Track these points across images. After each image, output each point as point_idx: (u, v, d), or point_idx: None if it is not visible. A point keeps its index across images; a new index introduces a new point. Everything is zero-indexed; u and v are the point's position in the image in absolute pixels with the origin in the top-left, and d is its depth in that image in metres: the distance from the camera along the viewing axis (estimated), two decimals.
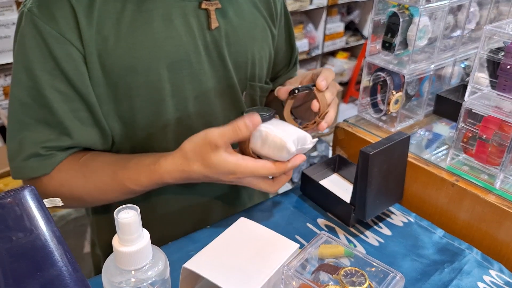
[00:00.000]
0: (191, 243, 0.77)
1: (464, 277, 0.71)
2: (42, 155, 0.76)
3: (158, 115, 0.80)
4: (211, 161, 0.70)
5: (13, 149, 0.76)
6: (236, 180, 0.72)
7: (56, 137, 0.76)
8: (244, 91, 0.91)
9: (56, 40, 0.71)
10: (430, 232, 0.80)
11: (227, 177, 0.72)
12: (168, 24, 0.77)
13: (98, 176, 0.77)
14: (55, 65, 0.72)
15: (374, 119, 1.00)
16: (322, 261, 0.65)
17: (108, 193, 0.78)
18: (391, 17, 0.89)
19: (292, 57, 1.06)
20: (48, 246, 0.43)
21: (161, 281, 0.49)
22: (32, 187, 0.49)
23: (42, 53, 0.71)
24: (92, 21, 0.72)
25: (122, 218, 0.45)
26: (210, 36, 0.82)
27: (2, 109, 2.25)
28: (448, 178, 0.82)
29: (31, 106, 0.74)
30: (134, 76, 0.76)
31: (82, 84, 0.74)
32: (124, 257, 0.46)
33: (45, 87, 0.72)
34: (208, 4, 0.80)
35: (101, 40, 0.73)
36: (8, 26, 2.09)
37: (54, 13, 0.70)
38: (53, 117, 0.74)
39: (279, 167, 0.72)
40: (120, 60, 0.74)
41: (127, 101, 0.78)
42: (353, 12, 3.99)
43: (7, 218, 0.45)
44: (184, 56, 0.79)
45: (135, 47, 0.75)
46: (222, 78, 0.86)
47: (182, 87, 0.81)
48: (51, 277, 0.40)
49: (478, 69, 0.79)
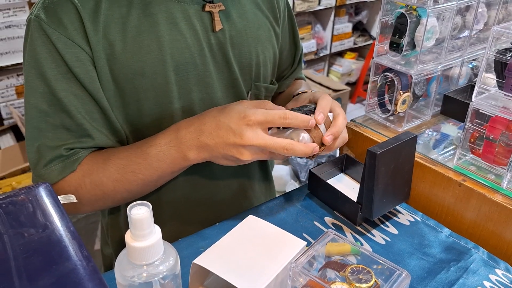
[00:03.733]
0: (201, 240, 0.78)
1: (470, 276, 0.71)
2: (64, 156, 0.76)
3: (166, 117, 0.81)
4: (227, 106, 0.73)
5: (33, 157, 0.77)
6: (246, 132, 0.70)
7: (77, 139, 0.76)
8: (249, 91, 0.92)
9: (65, 45, 0.72)
10: (437, 231, 0.81)
11: (237, 123, 0.71)
12: (173, 27, 0.78)
13: (117, 156, 0.77)
14: (68, 69, 0.73)
15: (381, 119, 1.01)
16: (329, 259, 0.66)
17: (128, 174, 0.76)
18: (399, 18, 0.90)
19: (296, 55, 1.07)
20: (63, 241, 0.44)
21: (171, 275, 0.50)
22: (47, 184, 0.51)
23: (54, 58, 0.72)
24: (98, 26, 0.73)
25: (135, 214, 0.46)
26: (215, 38, 0.83)
27: (15, 108, 2.28)
28: (455, 177, 0.82)
29: (48, 112, 0.74)
30: (141, 80, 0.77)
31: (94, 87, 0.75)
32: (136, 252, 0.48)
33: (60, 91, 0.73)
34: (212, 6, 0.81)
35: (108, 44, 0.74)
36: (20, 26, 2.12)
37: (62, 19, 0.71)
38: (72, 121, 0.75)
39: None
40: (128, 64, 0.75)
41: (135, 105, 0.79)
42: (361, 13, 3.99)
43: (20, 214, 0.47)
44: (189, 58, 0.80)
45: (141, 51, 0.76)
46: (227, 80, 0.87)
47: (188, 89, 0.82)
48: (66, 270, 0.42)
49: (486, 70, 0.80)
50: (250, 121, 0.70)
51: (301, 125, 0.73)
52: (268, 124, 0.71)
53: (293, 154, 0.72)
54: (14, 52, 2.16)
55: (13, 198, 0.49)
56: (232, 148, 0.71)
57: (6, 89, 2.25)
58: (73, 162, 0.76)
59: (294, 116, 0.72)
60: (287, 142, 0.71)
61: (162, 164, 0.75)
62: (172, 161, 0.75)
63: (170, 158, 0.75)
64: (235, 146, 0.71)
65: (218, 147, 0.72)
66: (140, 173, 0.76)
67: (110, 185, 0.77)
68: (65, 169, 0.76)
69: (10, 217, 0.46)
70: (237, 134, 0.70)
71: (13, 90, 2.27)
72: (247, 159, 0.72)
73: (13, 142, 2.26)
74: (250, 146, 0.71)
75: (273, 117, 0.71)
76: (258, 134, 0.70)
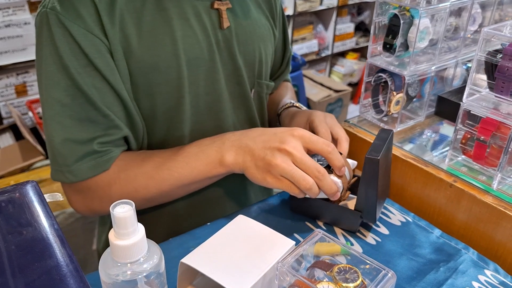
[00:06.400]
0: (192, 240, 0.79)
1: (459, 276, 0.72)
2: (98, 152, 0.76)
3: (177, 111, 0.82)
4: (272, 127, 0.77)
5: (59, 153, 0.75)
6: (284, 149, 0.71)
7: (104, 132, 0.76)
8: (252, 88, 0.93)
9: (85, 37, 0.71)
10: (428, 232, 0.81)
11: (283, 132, 0.74)
12: (184, 23, 0.79)
13: (156, 154, 0.79)
14: (88, 61, 0.72)
15: (375, 120, 1.01)
16: (318, 258, 0.66)
17: (163, 172, 0.77)
18: (392, 19, 0.90)
19: (284, 58, 1.09)
20: (46, 239, 0.45)
21: (156, 273, 0.50)
22: (34, 182, 0.51)
23: (74, 51, 0.72)
24: (115, 20, 0.73)
25: (118, 213, 0.47)
26: (222, 35, 0.84)
27: (14, 107, 2.29)
28: (446, 178, 0.82)
29: (72, 106, 0.73)
30: (155, 74, 0.77)
31: (115, 79, 0.75)
32: (120, 250, 0.48)
33: (83, 84, 0.73)
34: (220, 4, 0.82)
35: (124, 38, 0.74)
36: (20, 25, 2.13)
37: (80, 11, 0.71)
38: (98, 112, 0.75)
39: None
40: (143, 58, 0.76)
41: (147, 99, 0.80)
42: (363, 13, 3.99)
43: (6, 212, 0.47)
44: (200, 54, 0.81)
45: (156, 45, 0.76)
46: (233, 76, 0.88)
47: (197, 84, 0.83)
48: (48, 267, 0.42)
49: (477, 71, 0.80)
50: (295, 132, 0.73)
51: (337, 163, 0.74)
52: (311, 143, 0.73)
53: (322, 181, 0.72)
54: (14, 51, 2.16)
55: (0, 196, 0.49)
56: (269, 150, 0.72)
57: (6, 88, 2.26)
58: (106, 161, 0.77)
59: (335, 151, 0.74)
60: (322, 168, 0.72)
61: (199, 164, 0.76)
62: (209, 162, 0.76)
63: (208, 158, 0.76)
64: (272, 149, 0.71)
65: (258, 149, 0.73)
66: (176, 171, 0.77)
67: (143, 182, 0.77)
68: (97, 168, 0.76)
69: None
70: (280, 139, 0.72)
71: (12, 89, 2.28)
72: (277, 163, 0.70)
73: (12, 141, 2.27)
74: (286, 153, 0.71)
75: (317, 139, 0.73)
76: (299, 146, 0.72)
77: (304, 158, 0.71)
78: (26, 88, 2.31)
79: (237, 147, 0.75)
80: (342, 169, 0.75)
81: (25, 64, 2.24)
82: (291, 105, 1.01)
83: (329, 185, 0.72)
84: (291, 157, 0.71)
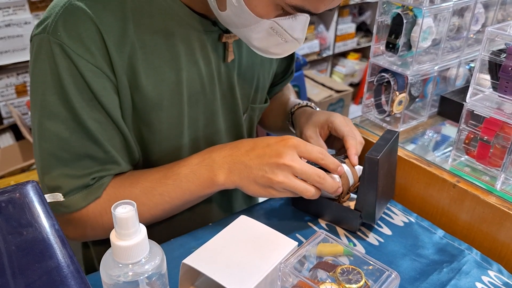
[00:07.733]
0: (194, 240, 0.78)
1: (463, 277, 0.71)
2: (91, 184, 0.74)
3: (174, 146, 0.81)
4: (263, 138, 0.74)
5: (54, 187, 0.73)
6: (279, 156, 0.71)
7: (102, 167, 0.74)
8: (245, 113, 0.93)
9: (93, 74, 0.68)
10: (431, 232, 0.81)
11: (276, 143, 0.72)
12: (190, 58, 0.77)
13: (145, 179, 0.76)
14: (92, 96, 0.69)
15: (378, 120, 1.00)
16: (321, 259, 0.65)
17: (155, 197, 0.75)
18: (395, 18, 0.90)
19: (290, 66, 1.08)
20: (47, 240, 0.44)
21: (157, 274, 0.50)
22: (35, 182, 0.51)
23: (79, 86, 0.68)
24: (124, 55, 0.70)
25: (119, 213, 0.46)
26: (225, 67, 0.83)
27: (14, 107, 2.29)
28: (449, 179, 0.82)
29: (69, 140, 0.70)
30: (158, 112, 0.76)
31: (118, 115, 0.73)
32: (122, 251, 0.48)
33: (86, 118, 0.70)
34: (228, 37, 0.79)
35: (132, 73, 0.71)
36: (20, 25, 2.13)
37: (88, 45, 0.67)
38: (98, 148, 0.72)
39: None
40: (149, 96, 0.74)
41: (147, 135, 0.78)
42: (364, 13, 3.98)
43: (7, 212, 0.47)
44: (201, 88, 0.79)
45: (162, 83, 0.74)
46: (229, 105, 0.87)
47: (196, 118, 0.82)
48: (49, 268, 0.42)
49: (480, 71, 0.79)
50: (289, 142, 0.72)
51: (331, 166, 0.74)
52: (307, 153, 0.73)
53: (323, 184, 0.72)
54: (14, 51, 2.16)
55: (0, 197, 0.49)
56: (267, 167, 0.71)
57: (6, 88, 2.25)
58: (98, 188, 0.74)
59: (327, 156, 0.74)
60: (321, 171, 0.72)
61: (191, 185, 0.75)
62: (201, 182, 0.74)
63: (200, 178, 0.74)
64: (271, 166, 0.70)
65: (255, 167, 0.71)
66: (168, 195, 0.75)
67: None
68: (90, 196, 0.74)
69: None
70: (276, 153, 0.71)
71: (12, 89, 2.27)
72: (280, 180, 0.70)
73: (12, 141, 2.27)
74: (286, 167, 0.70)
75: (312, 148, 0.73)
76: (296, 157, 0.71)
77: (304, 168, 0.71)
78: (27, 88, 2.31)
79: (230, 164, 0.73)
80: (339, 169, 0.75)
81: (25, 64, 2.23)
82: (305, 105, 1.00)
83: (331, 186, 0.73)
84: (291, 170, 0.71)
